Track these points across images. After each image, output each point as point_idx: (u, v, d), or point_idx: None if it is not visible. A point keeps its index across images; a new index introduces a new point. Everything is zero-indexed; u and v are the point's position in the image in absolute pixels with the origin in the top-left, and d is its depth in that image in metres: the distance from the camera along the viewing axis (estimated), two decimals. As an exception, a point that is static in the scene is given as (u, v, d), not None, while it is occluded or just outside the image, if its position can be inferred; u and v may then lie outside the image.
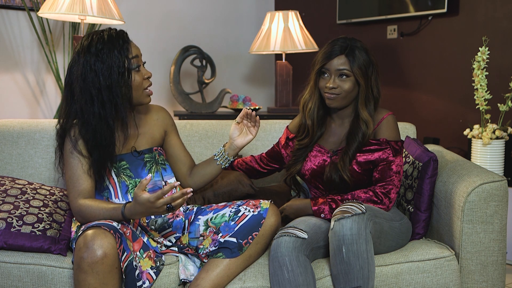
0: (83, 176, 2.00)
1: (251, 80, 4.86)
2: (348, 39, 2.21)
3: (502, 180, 2.13)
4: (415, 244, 2.18)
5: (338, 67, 2.16)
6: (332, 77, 2.16)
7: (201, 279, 1.96)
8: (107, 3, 3.22)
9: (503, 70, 3.37)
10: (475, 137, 3.17)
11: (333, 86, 2.15)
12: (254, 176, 2.45)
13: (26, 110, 3.82)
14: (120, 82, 1.96)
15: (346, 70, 2.15)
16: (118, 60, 1.96)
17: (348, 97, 2.18)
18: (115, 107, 1.97)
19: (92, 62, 1.95)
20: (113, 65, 1.95)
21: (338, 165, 2.15)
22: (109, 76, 1.95)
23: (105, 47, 1.96)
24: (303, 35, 3.93)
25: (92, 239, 1.78)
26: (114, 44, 1.97)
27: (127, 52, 1.98)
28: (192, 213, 2.14)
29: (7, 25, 3.71)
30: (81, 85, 1.96)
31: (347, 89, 2.16)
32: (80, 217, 1.98)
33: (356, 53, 2.16)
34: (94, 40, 1.98)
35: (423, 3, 3.75)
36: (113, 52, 1.96)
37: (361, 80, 2.15)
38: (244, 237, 2.00)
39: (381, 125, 2.17)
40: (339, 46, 2.17)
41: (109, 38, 1.98)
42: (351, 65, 2.15)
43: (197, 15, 4.53)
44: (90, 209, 1.95)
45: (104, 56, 1.95)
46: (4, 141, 2.50)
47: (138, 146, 2.11)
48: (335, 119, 2.26)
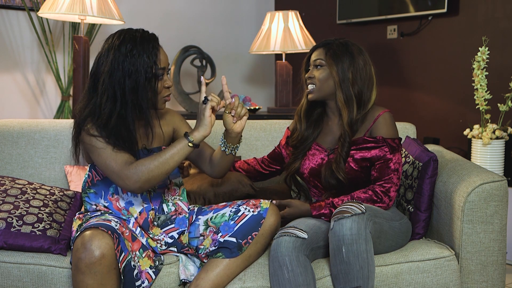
0: (118, 153, 1.93)
1: (251, 80, 4.86)
2: (336, 38, 2.26)
3: (502, 180, 2.13)
4: (415, 244, 2.18)
5: (314, 58, 2.23)
6: (311, 69, 2.23)
7: (201, 279, 1.96)
8: (107, 3, 3.22)
9: (503, 70, 3.36)
10: (475, 137, 3.17)
11: (309, 76, 2.22)
12: (256, 177, 2.45)
13: (26, 110, 3.82)
14: (146, 86, 1.95)
15: (320, 60, 2.20)
16: (146, 65, 1.94)
17: (324, 87, 2.19)
18: (139, 109, 1.96)
19: (120, 61, 1.94)
20: (141, 69, 1.94)
21: (332, 167, 2.15)
22: (136, 79, 1.94)
23: (136, 49, 1.95)
24: (303, 35, 3.93)
25: (90, 239, 1.77)
26: (144, 47, 1.96)
27: (155, 58, 1.97)
28: (193, 213, 2.14)
29: (7, 25, 3.71)
30: (106, 82, 1.95)
31: (321, 78, 2.19)
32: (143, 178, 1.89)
33: (333, 45, 2.20)
34: (126, 39, 1.97)
35: (423, 3, 3.75)
36: (143, 56, 1.94)
37: (332, 69, 2.17)
38: (243, 237, 2.00)
39: (377, 123, 2.17)
40: (322, 42, 2.25)
41: (141, 41, 1.96)
42: (326, 55, 2.19)
43: (197, 15, 4.53)
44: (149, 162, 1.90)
45: (133, 58, 1.94)
46: (4, 141, 2.50)
47: (148, 145, 2.11)
48: (331, 117, 2.27)
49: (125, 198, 2.05)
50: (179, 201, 2.14)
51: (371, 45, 4.15)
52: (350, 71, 2.17)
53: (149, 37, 2.00)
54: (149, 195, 2.07)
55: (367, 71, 2.20)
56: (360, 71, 2.18)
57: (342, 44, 2.21)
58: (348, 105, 2.17)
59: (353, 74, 2.17)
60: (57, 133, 2.54)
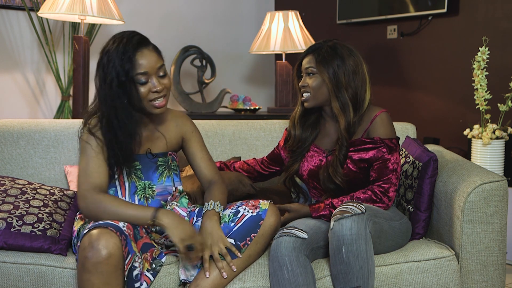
0: (99, 170, 1.96)
1: (251, 80, 4.86)
2: (325, 40, 2.24)
3: (502, 180, 2.13)
4: (415, 244, 2.18)
5: (305, 66, 2.21)
6: (304, 77, 2.22)
7: (201, 279, 1.95)
8: (107, 3, 3.22)
9: (503, 70, 3.36)
10: (475, 137, 3.17)
11: (303, 84, 2.21)
12: (256, 178, 2.45)
13: (26, 110, 3.82)
14: (119, 92, 1.93)
15: (311, 68, 2.19)
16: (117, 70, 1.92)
17: (319, 95, 2.19)
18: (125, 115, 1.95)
19: (103, 67, 1.95)
20: (113, 75, 1.92)
21: (329, 171, 2.15)
22: (110, 84, 1.93)
23: (112, 54, 1.93)
24: (303, 35, 3.93)
25: (97, 239, 1.77)
26: (119, 52, 1.92)
27: (129, 63, 1.92)
28: (193, 214, 2.14)
29: (7, 25, 3.71)
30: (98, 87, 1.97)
31: (314, 86, 2.18)
32: (93, 210, 1.92)
33: (322, 51, 2.19)
34: (111, 44, 1.96)
35: (423, 3, 3.75)
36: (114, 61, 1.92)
37: (324, 76, 2.16)
38: (242, 239, 1.99)
39: (374, 124, 2.17)
40: (310, 47, 2.23)
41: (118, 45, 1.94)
42: (316, 62, 2.18)
43: (197, 15, 4.53)
44: (112, 203, 1.90)
45: (110, 63, 1.93)
46: (4, 141, 2.50)
47: (153, 149, 2.10)
48: (327, 119, 2.27)
49: None
50: (177, 207, 2.13)
51: (371, 45, 4.15)
52: (342, 75, 2.15)
53: (129, 40, 1.95)
54: (147, 202, 2.07)
55: (359, 72, 2.18)
56: (352, 73, 2.16)
57: (330, 47, 2.18)
58: (344, 111, 2.16)
59: (345, 78, 2.16)
60: (57, 133, 2.54)
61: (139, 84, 1.95)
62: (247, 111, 3.99)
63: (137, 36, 1.98)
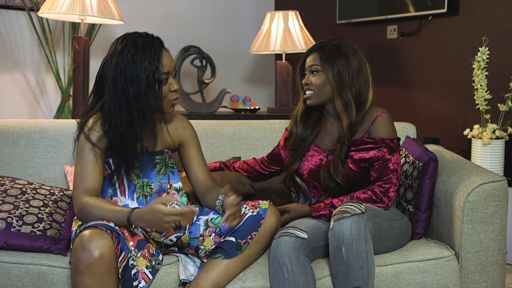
0: (94, 173, 1.98)
1: (251, 80, 4.86)
2: (329, 39, 2.24)
3: (502, 180, 2.13)
4: (415, 244, 2.18)
5: (309, 64, 2.21)
6: (307, 74, 2.22)
7: (201, 279, 1.96)
8: (107, 3, 3.22)
9: (503, 70, 3.36)
10: (475, 137, 3.17)
11: (306, 82, 2.21)
12: (255, 178, 2.45)
13: (26, 110, 3.82)
14: (149, 93, 1.95)
15: (315, 65, 2.19)
16: (148, 71, 1.93)
17: (322, 93, 2.19)
18: (142, 116, 1.96)
19: (122, 68, 1.94)
20: (142, 75, 1.93)
21: (330, 170, 2.15)
22: (138, 85, 1.93)
23: (137, 55, 1.94)
24: (303, 35, 3.93)
25: (89, 240, 1.77)
26: (146, 53, 1.94)
27: (157, 63, 1.95)
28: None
29: (7, 25, 3.71)
30: (111, 89, 1.96)
31: (318, 84, 2.18)
32: (82, 214, 1.95)
33: (327, 49, 2.19)
34: (128, 44, 1.96)
35: (423, 3, 3.75)
36: (144, 62, 1.93)
37: (329, 74, 2.16)
38: (243, 237, 1.99)
39: (375, 124, 2.17)
40: (315, 45, 2.23)
41: (143, 46, 1.95)
42: (320, 60, 2.18)
43: (197, 15, 4.53)
44: (94, 207, 1.92)
45: (135, 64, 1.93)
46: (4, 141, 2.50)
47: (150, 147, 2.10)
48: (328, 118, 2.27)
49: (123, 201, 2.05)
50: (177, 206, 2.13)
51: (371, 45, 4.15)
52: (346, 74, 2.16)
53: (152, 41, 1.99)
54: (145, 200, 2.07)
55: (363, 72, 2.19)
56: (356, 72, 2.17)
57: (335, 46, 2.19)
58: (347, 110, 2.16)
59: (349, 77, 2.16)
60: (57, 133, 2.54)
61: (163, 84, 1.98)
62: (247, 111, 3.99)
63: (156, 37, 2.01)
